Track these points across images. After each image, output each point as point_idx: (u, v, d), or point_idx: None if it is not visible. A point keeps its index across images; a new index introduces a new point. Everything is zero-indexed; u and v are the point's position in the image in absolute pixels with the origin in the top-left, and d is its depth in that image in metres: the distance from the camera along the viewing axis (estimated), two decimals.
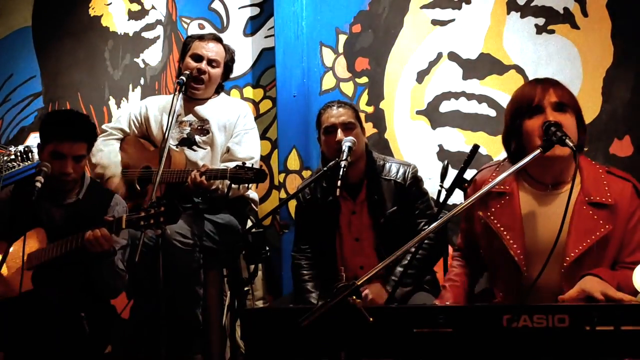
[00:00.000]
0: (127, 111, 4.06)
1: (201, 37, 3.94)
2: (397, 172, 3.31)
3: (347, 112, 3.31)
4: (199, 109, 3.91)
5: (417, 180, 3.34)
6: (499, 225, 2.54)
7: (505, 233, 2.51)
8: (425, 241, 3.12)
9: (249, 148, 3.89)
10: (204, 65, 3.86)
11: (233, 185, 3.62)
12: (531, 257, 2.47)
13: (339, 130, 3.25)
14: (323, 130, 3.32)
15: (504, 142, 2.61)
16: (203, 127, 3.87)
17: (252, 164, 3.75)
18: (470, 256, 2.79)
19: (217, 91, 4.03)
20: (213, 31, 4.69)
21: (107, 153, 3.88)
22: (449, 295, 2.67)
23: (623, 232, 2.44)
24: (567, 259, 2.41)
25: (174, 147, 3.82)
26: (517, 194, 2.55)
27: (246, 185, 3.71)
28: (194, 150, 3.85)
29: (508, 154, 2.60)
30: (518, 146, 2.51)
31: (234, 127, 3.90)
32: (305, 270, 3.41)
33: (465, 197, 2.80)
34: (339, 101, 3.38)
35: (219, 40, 3.96)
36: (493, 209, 2.57)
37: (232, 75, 4.21)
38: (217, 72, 3.93)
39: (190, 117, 3.90)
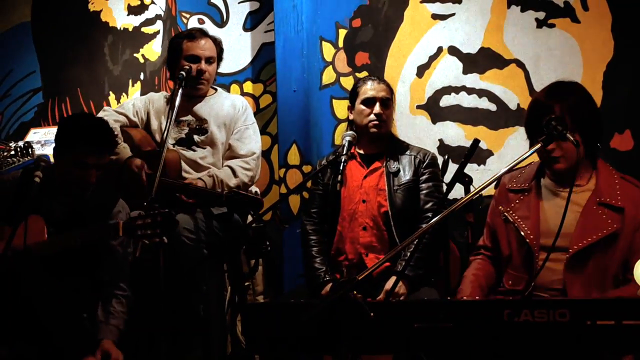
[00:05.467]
0: (130, 102, 4.02)
1: (190, 36, 3.87)
2: (418, 152, 3.48)
3: (386, 89, 3.51)
4: (197, 108, 3.88)
5: (433, 164, 3.47)
6: (516, 216, 2.71)
7: (522, 223, 2.68)
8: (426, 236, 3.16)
9: (250, 143, 3.88)
10: (203, 65, 3.83)
11: (233, 182, 3.67)
12: (544, 247, 2.59)
13: (377, 104, 3.44)
14: (362, 100, 3.47)
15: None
16: (201, 126, 3.84)
17: (253, 158, 3.81)
18: (493, 251, 2.87)
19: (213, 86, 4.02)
20: (212, 26, 4.68)
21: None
22: (468, 281, 2.78)
23: (631, 235, 2.56)
24: (570, 251, 2.54)
25: (170, 147, 3.80)
26: (536, 190, 2.72)
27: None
28: (194, 150, 3.83)
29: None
30: None
31: (234, 123, 3.89)
32: (312, 235, 3.49)
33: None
34: (378, 77, 3.59)
35: (206, 34, 3.92)
36: (512, 204, 2.75)
37: (232, 70, 4.19)
38: (214, 67, 3.91)
39: (189, 117, 3.87)
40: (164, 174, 3.56)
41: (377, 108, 3.42)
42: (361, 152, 3.51)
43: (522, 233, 2.65)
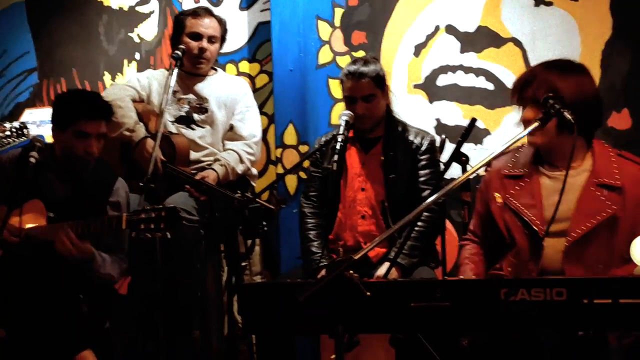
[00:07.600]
0: (134, 77, 3.99)
1: (195, 14, 3.86)
2: (416, 136, 3.39)
3: (367, 85, 3.30)
4: (198, 87, 3.88)
5: (432, 149, 3.39)
6: (518, 204, 2.59)
7: (526, 211, 2.56)
8: (425, 214, 3.16)
9: (252, 126, 3.91)
10: (205, 44, 3.81)
11: (240, 168, 3.73)
12: (550, 234, 2.50)
13: (358, 103, 3.30)
14: (344, 96, 3.39)
15: None
16: (202, 105, 3.84)
17: (255, 142, 3.86)
18: (484, 239, 2.80)
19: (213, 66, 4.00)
20: (208, 5, 4.64)
21: (128, 112, 3.74)
22: (469, 268, 2.70)
23: (633, 215, 2.48)
24: (569, 238, 2.47)
25: (171, 126, 3.78)
26: (536, 176, 2.62)
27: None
28: (192, 129, 3.82)
29: None
30: None
31: (235, 105, 3.89)
32: (310, 218, 3.47)
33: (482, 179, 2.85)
34: (364, 63, 3.34)
35: (211, 13, 3.91)
36: (512, 191, 2.63)
37: (228, 50, 4.17)
38: (216, 47, 3.91)
39: (189, 95, 3.87)
40: (172, 160, 3.57)
41: (357, 108, 3.30)
42: (360, 135, 3.43)
43: (528, 221, 2.54)
